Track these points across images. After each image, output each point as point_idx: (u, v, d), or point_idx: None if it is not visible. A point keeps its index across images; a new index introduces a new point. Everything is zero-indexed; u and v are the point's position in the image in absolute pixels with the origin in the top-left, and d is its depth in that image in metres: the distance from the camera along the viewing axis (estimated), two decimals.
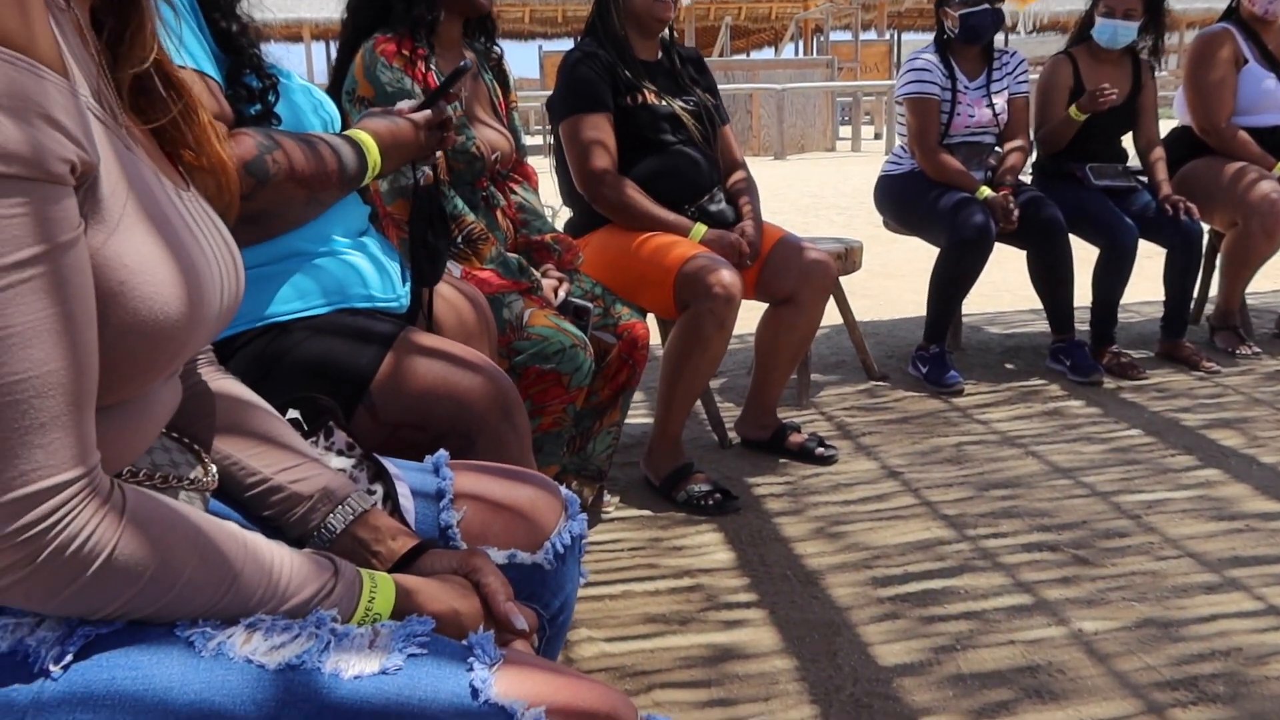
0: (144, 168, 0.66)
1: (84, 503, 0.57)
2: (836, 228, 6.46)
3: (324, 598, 0.69)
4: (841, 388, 3.05)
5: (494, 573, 0.79)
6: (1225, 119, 3.23)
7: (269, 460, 0.85)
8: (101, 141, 0.60)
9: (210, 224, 0.73)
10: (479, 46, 1.96)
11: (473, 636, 0.67)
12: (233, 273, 0.73)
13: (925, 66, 3.08)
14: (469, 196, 1.81)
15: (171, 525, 0.63)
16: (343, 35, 1.80)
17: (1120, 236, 3.00)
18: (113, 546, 0.58)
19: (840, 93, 15.62)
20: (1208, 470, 2.32)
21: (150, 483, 0.71)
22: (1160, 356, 3.24)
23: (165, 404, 0.72)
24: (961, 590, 1.81)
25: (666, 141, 2.33)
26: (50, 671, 0.60)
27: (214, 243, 0.71)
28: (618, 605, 1.80)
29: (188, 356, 0.70)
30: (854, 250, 2.96)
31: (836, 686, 1.53)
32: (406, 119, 1.31)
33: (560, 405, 1.77)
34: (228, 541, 0.65)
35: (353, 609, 0.71)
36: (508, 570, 0.89)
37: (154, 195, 0.65)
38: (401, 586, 0.74)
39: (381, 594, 0.72)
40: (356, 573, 0.73)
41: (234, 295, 0.73)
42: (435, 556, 0.80)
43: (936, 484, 2.29)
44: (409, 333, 1.22)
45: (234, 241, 0.77)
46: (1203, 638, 1.63)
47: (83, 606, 0.59)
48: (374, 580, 0.73)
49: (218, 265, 0.69)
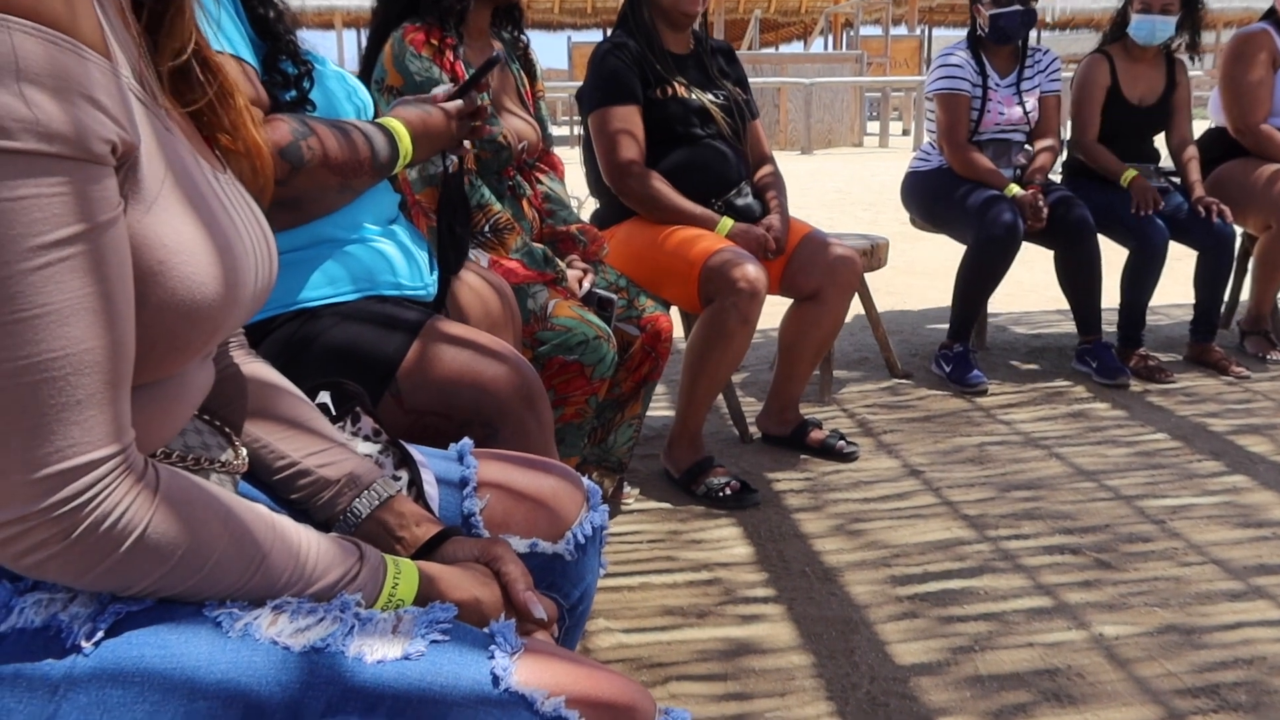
0: (183, 150, 0.67)
1: (118, 480, 0.58)
2: (862, 224, 6.43)
3: (349, 581, 0.70)
4: (864, 385, 3.04)
5: (514, 561, 0.80)
6: (1262, 120, 3.18)
7: (297, 444, 0.86)
8: (142, 122, 0.61)
9: (246, 207, 0.73)
10: (506, 36, 1.97)
11: (494, 625, 0.68)
12: (266, 255, 0.74)
13: (957, 62, 3.06)
14: (495, 186, 1.82)
15: (203, 505, 0.64)
16: (373, 24, 1.80)
17: (1150, 238, 2.97)
18: (146, 524, 0.59)
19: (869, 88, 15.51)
20: (1235, 476, 2.30)
21: (183, 464, 0.72)
22: (1189, 360, 3.21)
23: (199, 385, 0.73)
24: (981, 591, 1.80)
25: (695, 135, 2.32)
26: (82, 647, 0.61)
27: (249, 225, 0.72)
28: (636, 597, 1.81)
29: (222, 337, 0.70)
30: (880, 247, 2.94)
31: (853, 684, 1.53)
32: (439, 108, 1.32)
33: (583, 396, 1.78)
34: (257, 523, 0.66)
35: (377, 594, 0.71)
36: (529, 559, 0.90)
37: (192, 177, 0.65)
38: (424, 573, 0.75)
39: (405, 580, 0.73)
40: (381, 558, 0.74)
41: (268, 277, 0.74)
42: (457, 544, 0.81)
43: (958, 484, 2.28)
44: (436, 321, 1.23)
45: (268, 225, 0.77)
46: (1225, 645, 1.62)
47: (115, 583, 0.60)
48: (398, 566, 0.74)
49: (253, 247, 0.70)
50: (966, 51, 3.09)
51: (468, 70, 1.76)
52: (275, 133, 1.11)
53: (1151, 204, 2.96)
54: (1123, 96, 3.17)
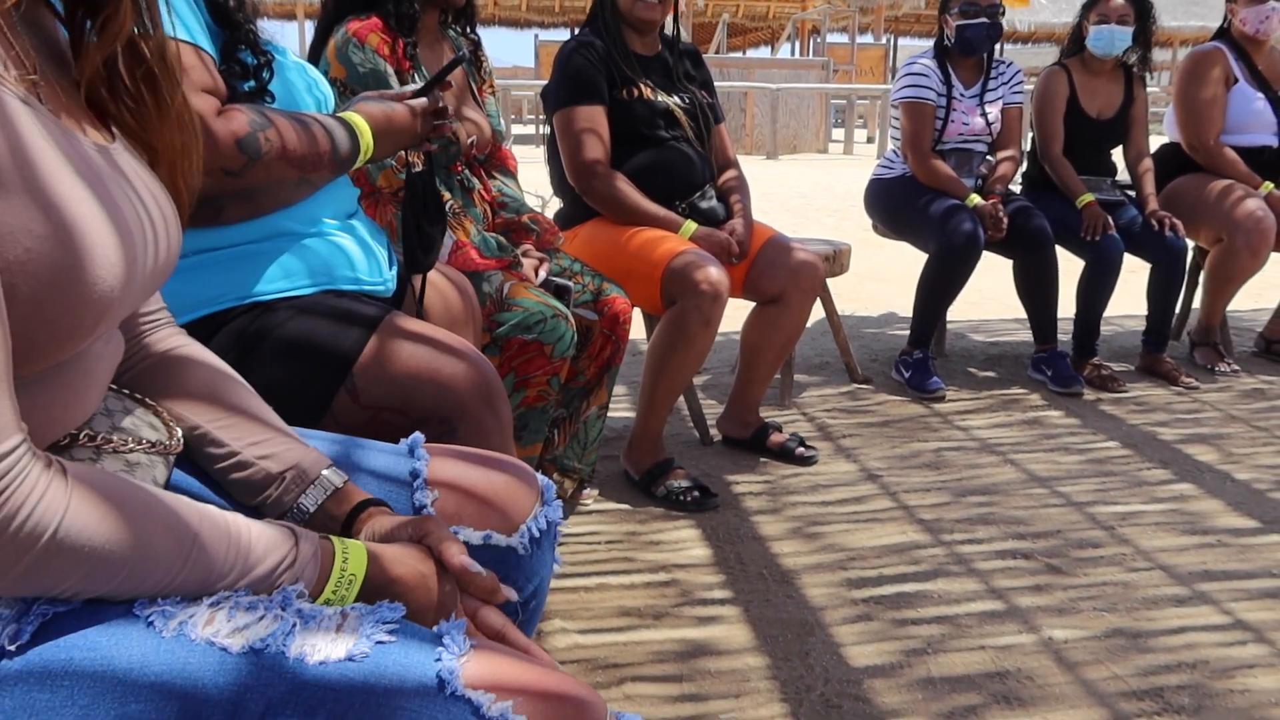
0: (55, 125, 0.63)
1: (21, 476, 0.56)
2: (826, 230, 6.47)
3: (289, 565, 0.69)
4: (824, 389, 3.06)
5: (444, 530, 0.79)
6: (1214, 137, 3.26)
7: (238, 433, 0.84)
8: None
9: (142, 176, 0.70)
10: (454, 32, 1.97)
11: (443, 625, 0.67)
12: (170, 226, 0.71)
13: (923, 71, 3.09)
14: (445, 180, 1.82)
15: (120, 498, 0.62)
16: (322, 18, 1.80)
17: (1106, 250, 3.02)
18: (59, 520, 0.57)
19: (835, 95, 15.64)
20: (1182, 485, 2.34)
21: (109, 445, 0.70)
22: (1141, 370, 3.27)
23: (105, 359, 0.70)
24: (934, 594, 1.82)
25: (660, 137, 2.33)
26: (6, 650, 0.59)
27: (145, 196, 0.69)
28: (593, 597, 1.80)
29: (118, 315, 0.68)
30: (842, 252, 2.96)
31: (807, 686, 1.54)
32: (404, 105, 1.31)
33: (544, 377, 1.78)
34: (184, 512, 0.65)
35: (318, 576, 0.70)
36: (482, 553, 0.89)
37: (63, 154, 0.62)
38: (370, 550, 0.74)
39: (354, 555, 0.72)
40: (319, 539, 0.73)
41: (172, 250, 0.72)
42: (392, 529, 0.80)
43: (914, 488, 2.30)
44: (394, 317, 1.22)
45: (167, 193, 0.74)
46: (1170, 649, 1.65)
47: (36, 586, 0.58)
48: (344, 543, 0.73)
49: (149, 220, 0.68)
50: (933, 61, 3.12)
51: (416, 67, 1.76)
52: (232, 123, 1.10)
53: (1100, 230, 3.00)
54: (1081, 109, 3.22)
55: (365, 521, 0.83)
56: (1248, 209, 3.09)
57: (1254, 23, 3.21)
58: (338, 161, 1.20)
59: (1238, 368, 3.29)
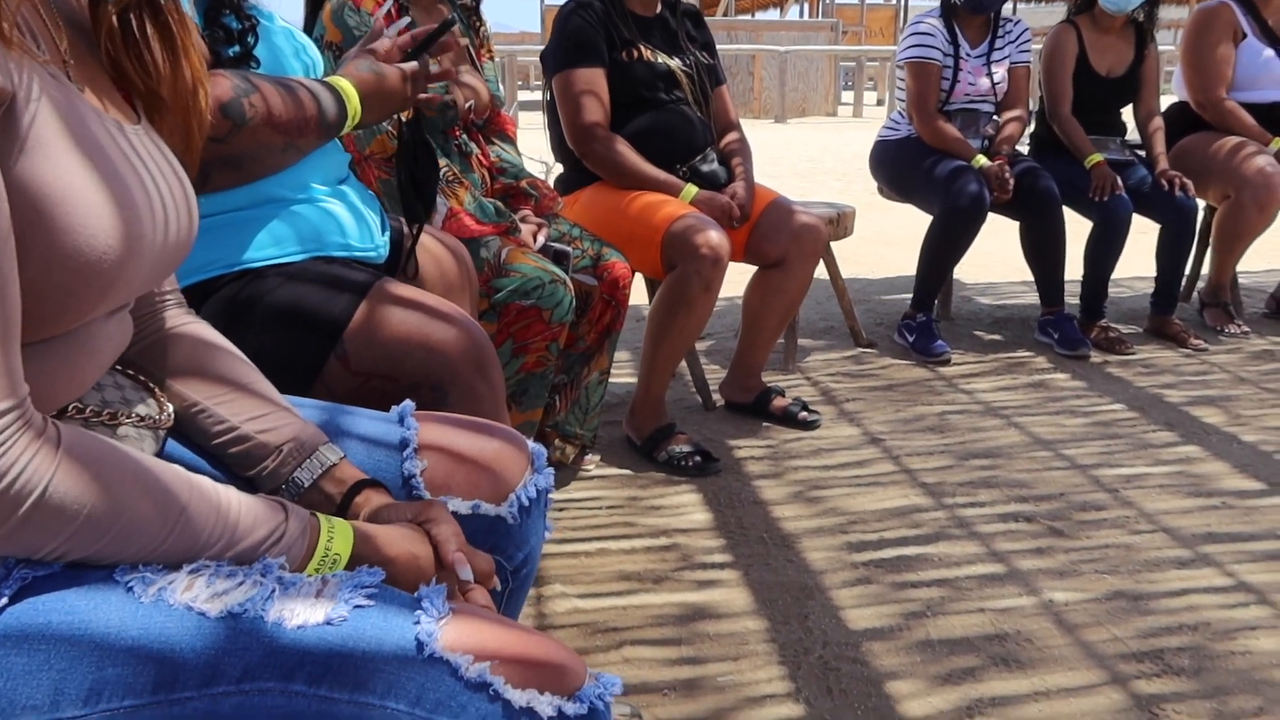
0: (77, 99, 0.64)
1: (15, 437, 0.56)
2: (834, 193, 6.42)
3: (275, 542, 0.69)
4: (828, 354, 3.05)
5: (448, 522, 0.79)
6: (1222, 92, 3.20)
7: (237, 408, 0.84)
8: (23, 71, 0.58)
9: (159, 158, 0.71)
10: None
11: (423, 589, 0.67)
12: (183, 209, 0.71)
13: (929, 31, 3.04)
14: (442, 145, 1.80)
15: (112, 463, 0.62)
16: None
17: (1114, 211, 2.98)
18: (47, 483, 0.58)
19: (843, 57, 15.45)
20: (1188, 447, 2.33)
21: (97, 419, 0.70)
22: (1149, 332, 3.24)
23: (111, 339, 0.71)
24: (935, 558, 1.82)
25: (661, 99, 2.30)
26: None
27: (160, 177, 0.69)
28: (593, 562, 1.81)
29: (129, 292, 0.68)
30: (846, 216, 2.94)
31: (806, 649, 1.54)
32: (395, 68, 1.29)
33: (543, 342, 1.78)
34: (174, 481, 0.65)
35: (305, 552, 0.70)
36: (471, 521, 0.89)
37: (88, 127, 0.63)
38: (359, 531, 0.74)
39: (340, 535, 0.72)
40: (310, 517, 0.73)
41: (182, 233, 0.72)
42: (392, 508, 0.80)
43: (917, 452, 2.30)
44: (384, 283, 1.21)
45: (187, 178, 0.75)
46: (1171, 611, 1.65)
47: (19, 546, 0.59)
48: (331, 524, 0.73)
49: (160, 200, 0.68)
50: (939, 20, 3.07)
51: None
52: (216, 88, 1.09)
53: (1109, 190, 2.96)
54: (1091, 67, 3.17)
55: (364, 503, 0.83)
56: (1257, 165, 3.04)
57: None
58: (325, 127, 1.19)
59: (1247, 329, 3.26)
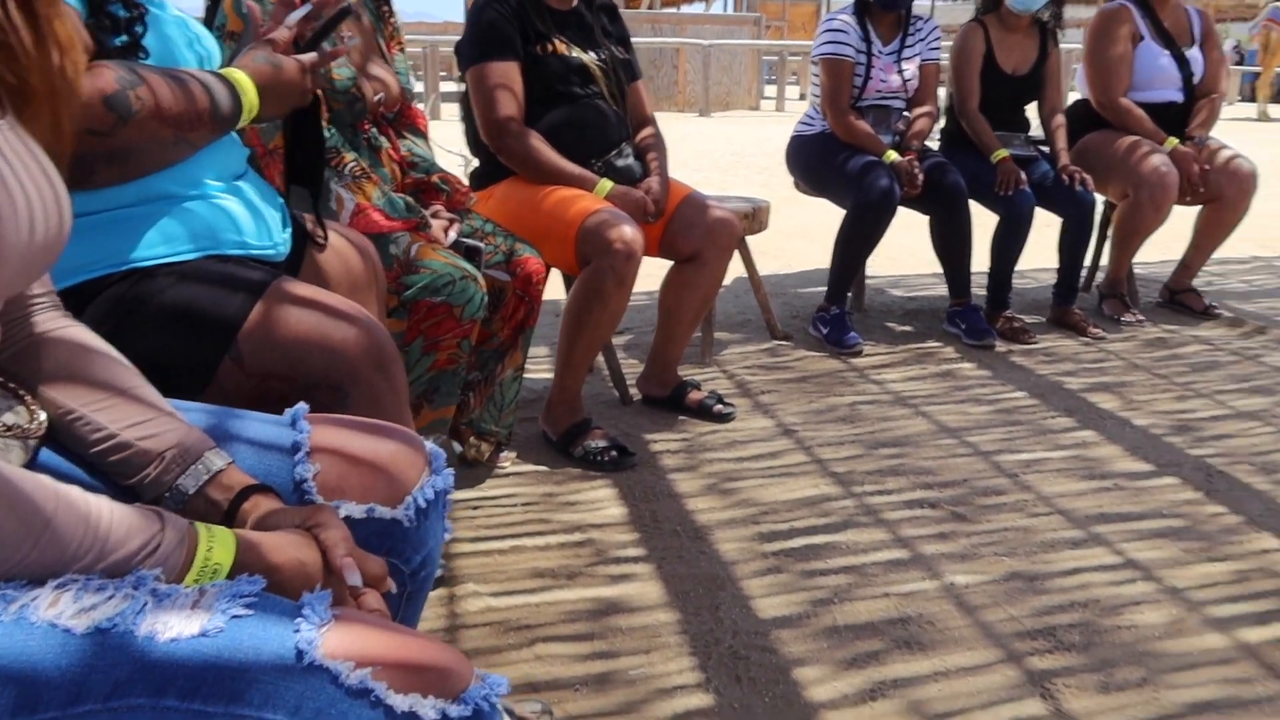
0: None
1: None
2: (755, 186, 6.48)
3: (151, 552, 0.67)
4: (745, 346, 3.09)
5: (337, 526, 0.78)
6: (1121, 93, 3.32)
7: (116, 415, 0.82)
8: None
9: (24, 153, 0.68)
10: None
11: (306, 596, 0.66)
12: (52, 208, 0.69)
13: (842, 28, 3.09)
14: (351, 139, 1.77)
15: None
16: None
17: (1018, 205, 3.08)
18: None
19: (766, 51, 15.60)
20: (1084, 432, 2.42)
21: None
22: (1051, 322, 3.36)
23: None
24: (843, 545, 1.86)
25: (575, 94, 2.30)
26: None
27: (25, 174, 0.67)
28: (507, 560, 1.81)
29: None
30: (761, 210, 2.97)
31: (716, 639, 1.57)
32: (291, 60, 1.26)
33: (454, 339, 1.77)
34: (37, 491, 0.63)
35: (183, 562, 0.69)
36: (366, 525, 0.89)
37: None
38: (243, 539, 0.73)
39: (220, 544, 0.71)
40: (189, 525, 0.71)
41: (52, 232, 0.70)
42: (279, 514, 0.79)
43: (829, 442, 2.34)
44: (282, 282, 1.19)
45: (57, 174, 0.73)
46: (1064, 590, 1.71)
47: None
48: (211, 532, 0.71)
49: (26, 198, 0.66)
50: (852, 17, 3.12)
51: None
52: (99, 80, 1.05)
53: (1014, 185, 3.06)
54: (997, 66, 3.26)
55: (252, 509, 0.81)
56: (1152, 164, 3.17)
57: None
58: (218, 120, 1.16)
59: (1143, 318, 3.40)
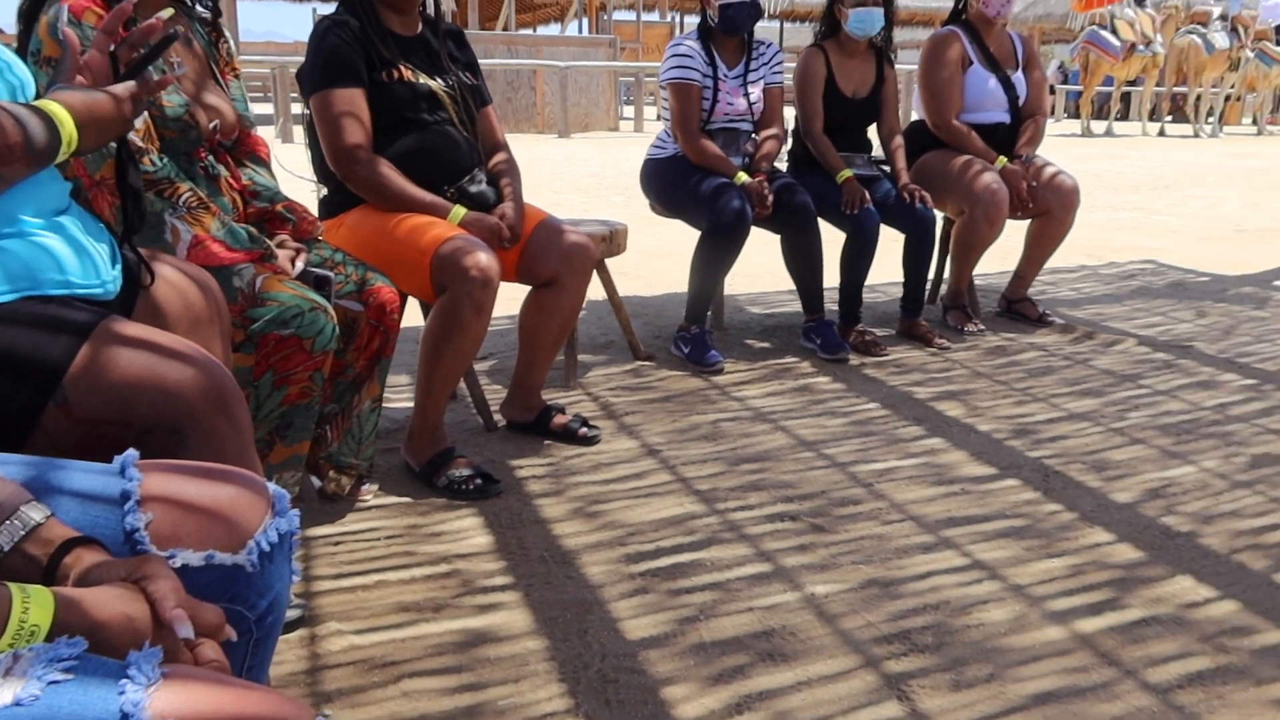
0: None
1: None
2: (615, 208, 6.55)
3: None
4: (608, 368, 3.11)
5: (166, 576, 0.75)
6: (954, 115, 3.52)
7: None
8: None
9: None
10: (188, 6, 1.85)
11: (132, 655, 0.63)
12: None
13: (688, 53, 3.16)
14: (186, 168, 1.71)
15: None
16: None
17: (863, 223, 3.22)
18: None
19: (623, 73, 15.81)
20: (933, 439, 2.54)
21: None
22: (900, 334, 3.51)
23: None
24: (708, 562, 1.89)
25: (424, 120, 2.27)
26: None
27: None
28: (370, 596, 1.76)
29: None
30: (619, 233, 3.01)
31: (585, 664, 1.57)
32: (108, 91, 1.21)
33: (306, 373, 1.72)
34: None
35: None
36: (206, 572, 0.85)
37: None
38: (63, 597, 0.69)
39: (37, 604, 0.67)
40: (3, 587, 0.67)
41: None
42: (103, 567, 0.75)
43: (692, 460, 2.38)
44: (111, 321, 1.13)
45: None
46: (917, 594, 1.79)
47: None
48: (25, 592, 0.67)
49: None
50: (697, 42, 3.20)
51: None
52: None
53: (859, 203, 3.20)
54: (838, 89, 3.40)
55: (74, 563, 0.76)
56: (984, 182, 3.37)
57: (995, 6, 3.47)
58: (33, 154, 1.10)
59: (984, 327, 3.60)
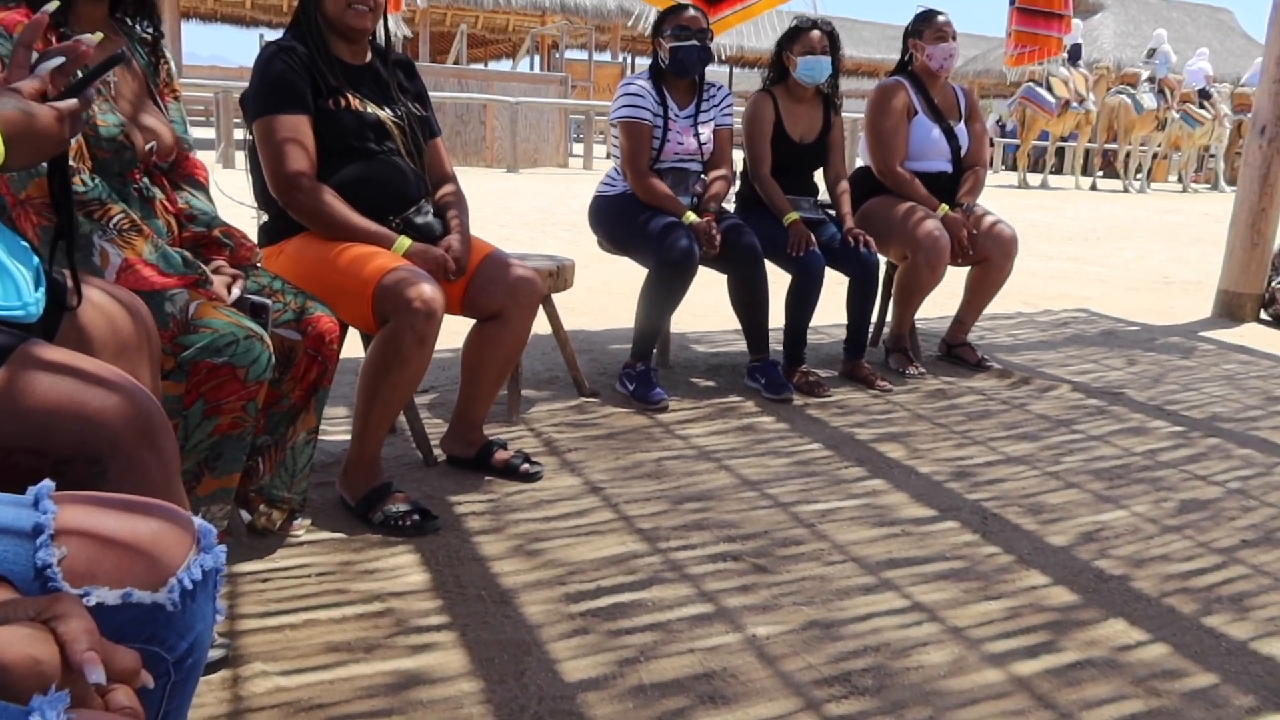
0: None
1: None
2: (563, 244, 6.55)
3: None
4: (552, 404, 3.08)
5: (78, 616, 0.70)
6: (898, 162, 3.59)
7: None
8: None
9: None
10: (131, 25, 1.81)
11: (36, 700, 0.59)
12: None
13: (639, 92, 3.19)
14: (119, 189, 1.66)
15: None
16: None
17: (809, 266, 3.25)
18: None
19: (573, 110, 15.92)
20: (874, 480, 2.55)
21: None
22: (843, 375, 3.54)
23: None
24: (649, 602, 1.87)
25: (371, 149, 2.25)
26: None
27: None
28: (299, 635, 1.70)
29: None
30: (566, 268, 3.00)
31: (521, 706, 1.53)
32: (47, 107, 1.16)
33: (239, 402, 1.66)
34: None
35: None
36: (123, 611, 0.81)
37: None
38: None
39: None
40: None
41: None
42: (10, 606, 0.71)
43: (635, 498, 2.36)
44: (30, 345, 1.08)
45: None
46: (858, 635, 1.78)
47: None
48: None
49: None
50: (648, 82, 3.23)
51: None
52: None
53: (804, 246, 3.23)
54: (786, 134, 3.45)
55: None
56: (927, 229, 3.43)
57: (939, 59, 3.57)
58: None
59: (924, 370, 3.65)
